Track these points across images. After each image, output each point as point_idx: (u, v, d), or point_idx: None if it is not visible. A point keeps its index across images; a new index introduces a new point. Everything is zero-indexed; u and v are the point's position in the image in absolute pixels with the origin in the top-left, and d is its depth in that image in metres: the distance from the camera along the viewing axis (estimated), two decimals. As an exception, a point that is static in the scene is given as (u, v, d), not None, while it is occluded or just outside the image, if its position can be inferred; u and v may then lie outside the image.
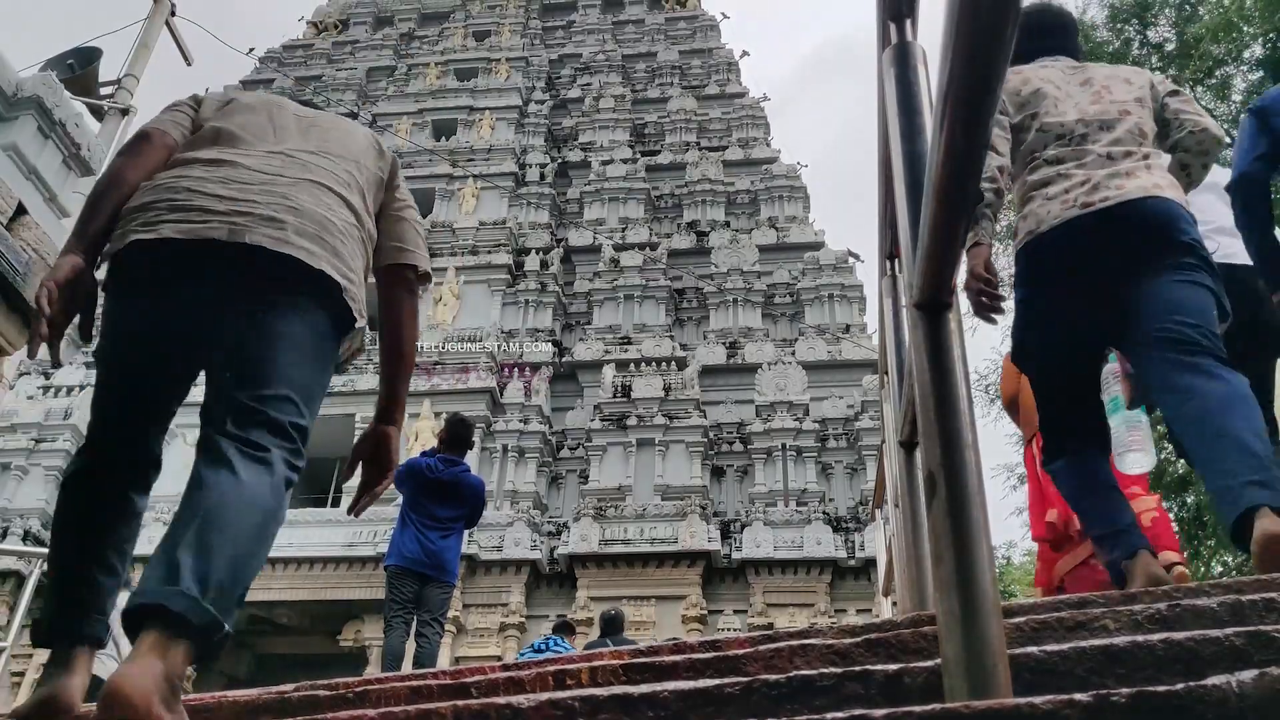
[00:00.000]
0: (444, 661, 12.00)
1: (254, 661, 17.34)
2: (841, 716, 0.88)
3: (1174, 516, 11.94)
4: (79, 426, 17.45)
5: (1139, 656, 0.98)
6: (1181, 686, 0.78)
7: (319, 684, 1.63)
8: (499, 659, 14.27)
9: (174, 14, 8.63)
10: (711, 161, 22.67)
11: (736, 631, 13.99)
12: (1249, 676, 0.77)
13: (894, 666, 1.04)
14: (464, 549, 6.34)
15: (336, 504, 17.62)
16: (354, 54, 27.48)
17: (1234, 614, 1.20)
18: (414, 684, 1.44)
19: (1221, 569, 11.97)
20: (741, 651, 1.34)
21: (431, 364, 18.76)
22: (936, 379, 1.00)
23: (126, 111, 7.65)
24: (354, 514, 1.95)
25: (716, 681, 1.07)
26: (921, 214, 1.03)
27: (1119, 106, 2.33)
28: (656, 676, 1.27)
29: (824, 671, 1.06)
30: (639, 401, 17.72)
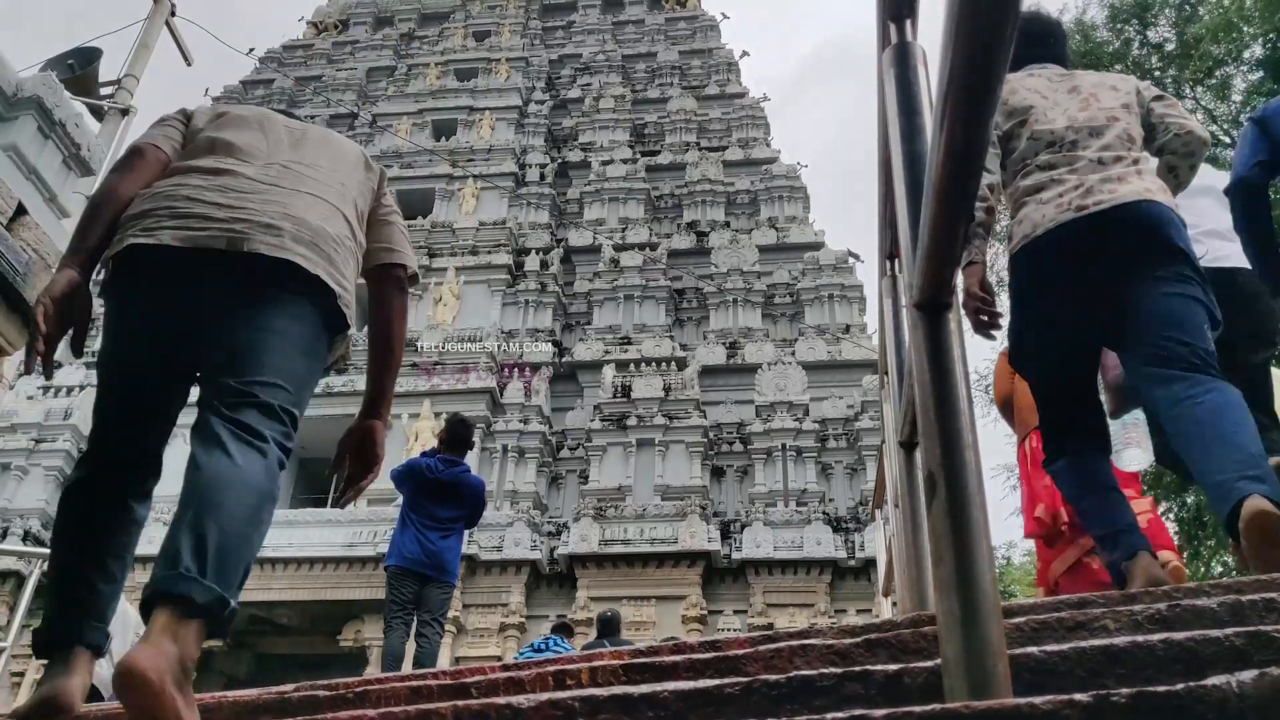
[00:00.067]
0: (444, 661, 12.00)
1: (254, 662, 17.33)
2: (841, 717, 0.88)
3: (1174, 517, 11.94)
4: (79, 426, 17.46)
5: (1139, 657, 0.98)
6: (1181, 687, 0.78)
7: (319, 684, 1.63)
8: (499, 659, 14.27)
9: (174, 14, 8.63)
10: (711, 162, 22.67)
11: (736, 632, 13.99)
12: (1249, 676, 0.77)
13: (894, 667, 1.04)
14: (464, 549, 6.35)
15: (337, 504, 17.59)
16: (354, 54, 27.48)
17: (1234, 614, 1.20)
18: (414, 684, 1.44)
19: (1221, 569, 11.98)
20: (741, 652, 1.34)
21: (431, 364, 18.77)
22: (936, 379, 1.00)
23: (126, 111, 7.65)
24: (340, 507, 2.00)
25: (716, 682, 1.07)
26: (921, 214, 1.03)
27: (1107, 113, 2.37)
28: (656, 677, 1.27)
29: (824, 672, 1.06)
30: (639, 401, 17.72)
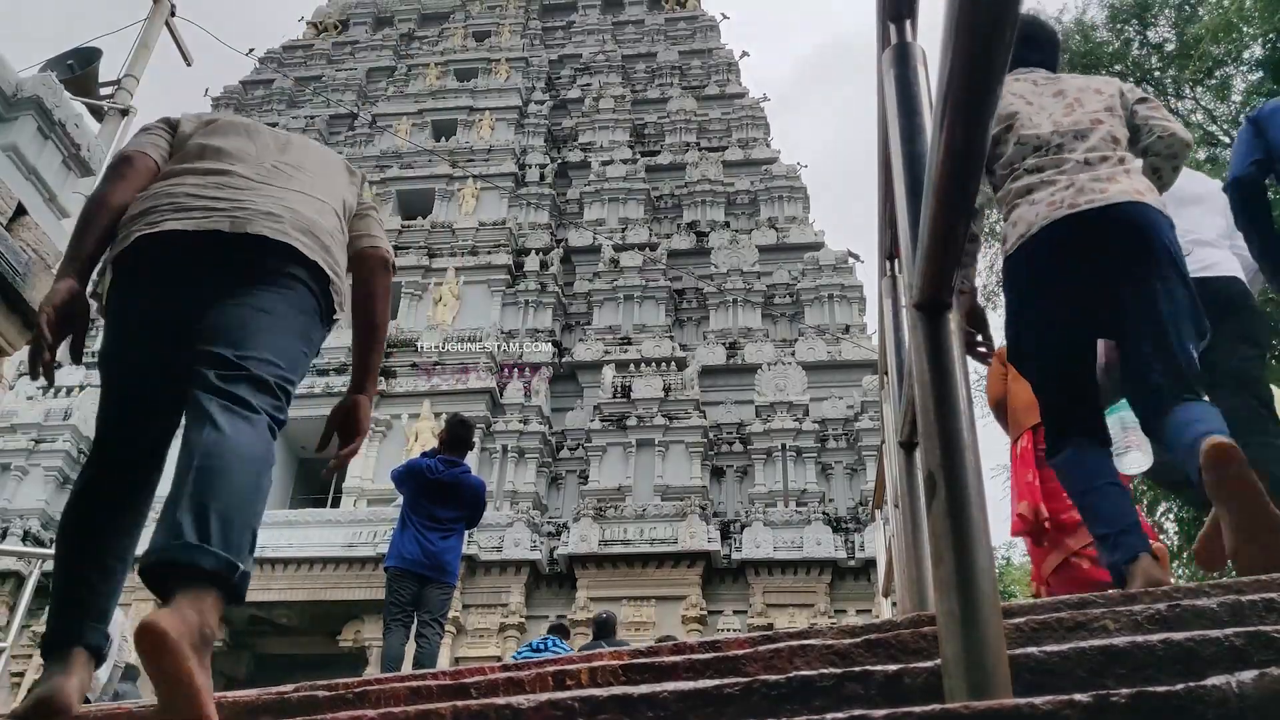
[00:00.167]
0: (443, 662, 12.00)
1: (253, 662, 17.33)
2: (841, 717, 0.88)
3: (1173, 516, 11.93)
4: (79, 427, 17.46)
5: (1139, 657, 0.98)
6: (1181, 687, 0.78)
7: (318, 684, 1.63)
8: (499, 659, 14.27)
9: (174, 14, 8.62)
10: (711, 162, 22.67)
11: (736, 632, 13.99)
12: (1249, 677, 0.77)
13: (894, 667, 1.04)
14: (464, 549, 6.35)
15: (336, 504, 17.62)
16: (354, 54, 27.48)
17: (1234, 614, 1.20)
18: (413, 684, 1.44)
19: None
20: (741, 652, 1.34)
21: (431, 364, 18.78)
22: (936, 379, 1.00)
23: (126, 112, 7.65)
24: (330, 475, 2.04)
25: (716, 682, 1.07)
26: (921, 214, 1.03)
27: (1091, 116, 2.42)
28: (656, 677, 1.27)
29: (824, 672, 1.06)
30: (639, 402, 17.72)
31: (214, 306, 1.77)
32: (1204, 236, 3.15)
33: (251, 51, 18.93)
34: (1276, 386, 3.17)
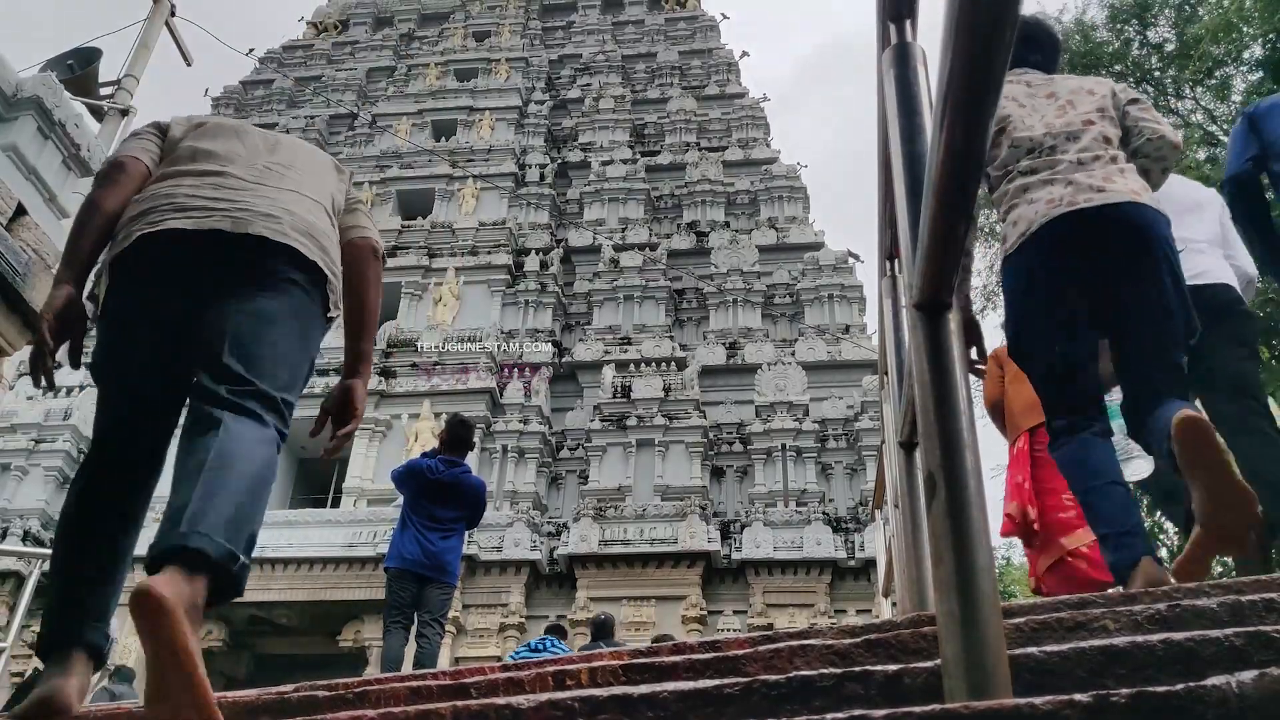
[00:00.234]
0: (444, 662, 12.01)
1: (253, 662, 17.33)
2: (841, 717, 0.88)
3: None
4: (79, 427, 17.46)
5: (1139, 657, 0.98)
6: (1181, 687, 0.78)
7: (318, 684, 1.62)
8: (499, 659, 14.27)
9: (174, 14, 8.62)
10: (711, 162, 22.66)
11: (736, 632, 13.99)
12: (1249, 677, 0.77)
13: (894, 667, 1.04)
14: (464, 549, 6.35)
15: (336, 504, 17.62)
16: (354, 54, 27.48)
17: (1234, 614, 1.20)
18: (413, 684, 1.44)
19: (1221, 569, 11.97)
20: (741, 652, 1.34)
21: (431, 364, 18.77)
22: (936, 379, 1.00)
23: (126, 112, 7.65)
24: (328, 455, 2.08)
25: (716, 682, 1.07)
26: (921, 214, 1.03)
27: (1082, 117, 2.45)
28: (656, 677, 1.27)
29: (824, 672, 1.06)
30: (639, 402, 17.71)
31: (218, 310, 1.78)
32: (1198, 244, 3.19)
33: (251, 51, 18.93)
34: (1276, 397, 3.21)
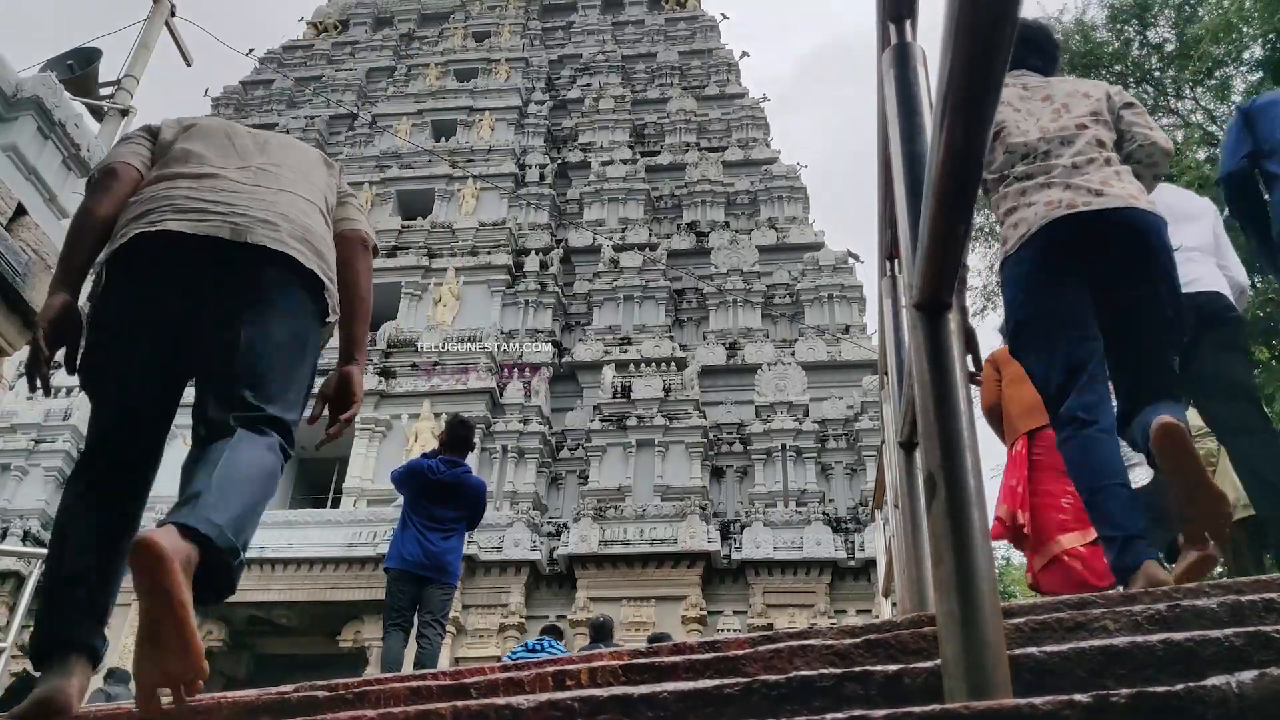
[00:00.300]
0: (443, 662, 12.00)
1: (253, 662, 17.32)
2: (841, 717, 0.88)
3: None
4: (79, 427, 17.45)
5: (1139, 657, 0.98)
6: (1181, 687, 0.78)
7: (318, 685, 1.62)
8: (498, 660, 14.27)
9: (174, 14, 8.62)
10: (711, 162, 22.66)
11: (736, 632, 13.98)
12: (1249, 677, 0.77)
13: (894, 667, 1.04)
14: (464, 550, 6.34)
15: (336, 504, 17.62)
16: (354, 55, 27.47)
17: (1233, 614, 1.20)
18: (413, 684, 1.44)
19: (1221, 569, 11.96)
20: (741, 652, 1.34)
21: (431, 364, 18.77)
22: (936, 379, 1.00)
23: (126, 112, 7.64)
24: (328, 439, 2.09)
25: (716, 682, 1.06)
26: (921, 214, 1.03)
27: (1076, 121, 2.48)
28: (656, 677, 1.27)
29: (823, 672, 1.06)
30: (639, 402, 17.71)
31: (221, 321, 1.81)
32: (1190, 251, 3.23)
33: (251, 52, 18.93)
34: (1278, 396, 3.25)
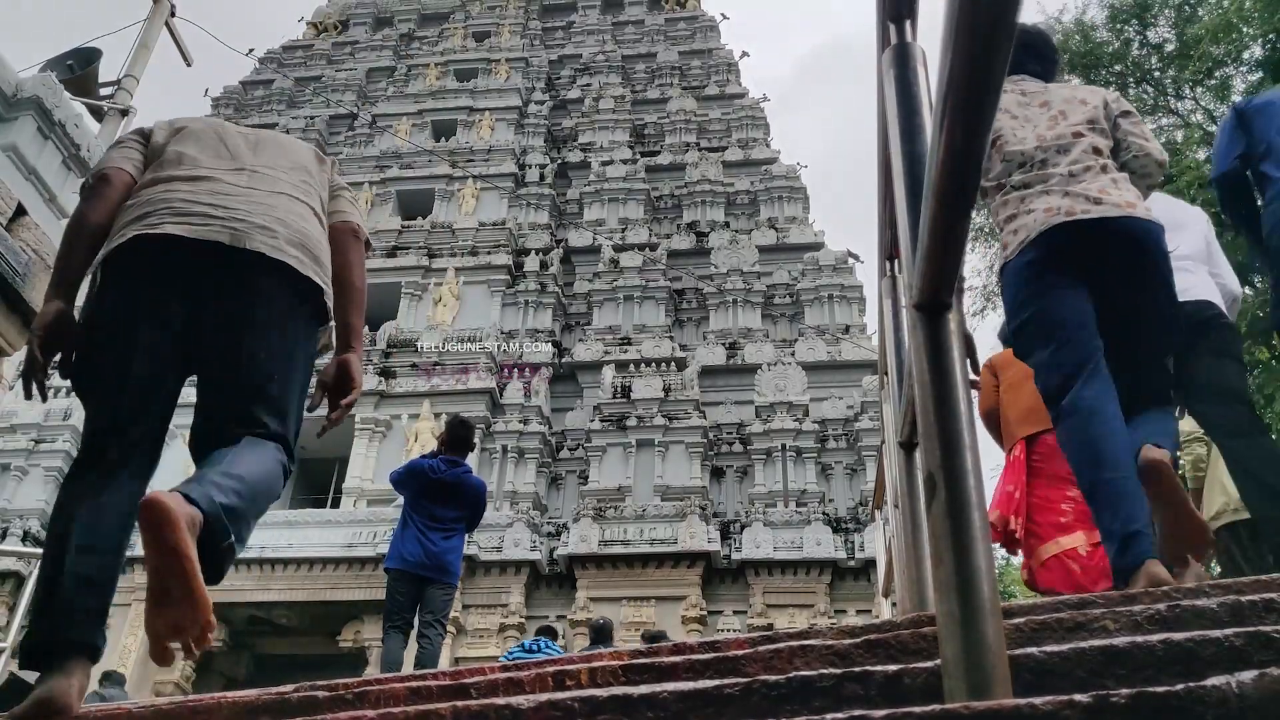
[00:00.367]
0: (444, 663, 12.00)
1: (253, 662, 17.33)
2: (841, 717, 0.88)
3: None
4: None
5: (1139, 657, 0.98)
6: (1181, 687, 0.78)
7: (318, 685, 1.62)
8: (498, 660, 14.26)
9: (174, 14, 8.61)
10: (711, 162, 22.66)
11: (736, 632, 13.98)
12: (1249, 677, 0.77)
13: (894, 667, 1.04)
14: (464, 550, 6.34)
15: (336, 504, 17.61)
16: (354, 55, 27.47)
17: (1233, 614, 1.20)
18: (413, 685, 1.44)
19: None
20: (741, 652, 1.34)
21: (431, 364, 18.77)
22: (936, 380, 1.00)
23: (126, 112, 7.64)
24: (329, 426, 2.11)
25: (716, 682, 1.06)
26: (921, 214, 1.03)
27: (1072, 129, 2.49)
28: (656, 677, 1.27)
29: (823, 672, 1.06)
30: (639, 402, 17.71)
31: (220, 325, 1.84)
32: (1182, 260, 3.25)
33: (251, 52, 18.94)
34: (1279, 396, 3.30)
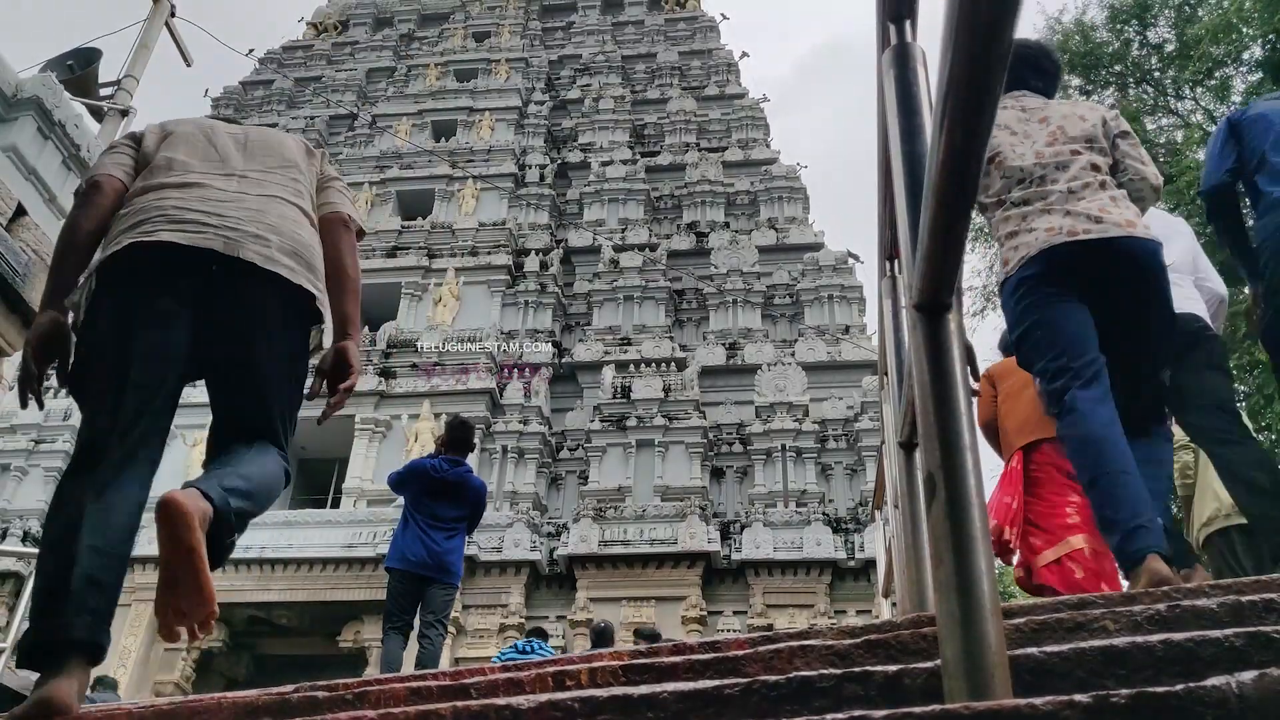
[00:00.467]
0: (444, 663, 12.00)
1: (253, 663, 17.32)
2: (841, 717, 0.88)
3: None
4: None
5: (1138, 657, 0.98)
6: (1181, 687, 0.78)
7: (318, 685, 1.62)
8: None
9: (174, 15, 8.61)
10: (711, 162, 22.65)
11: (736, 632, 13.98)
12: (1249, 677, 0.77)
13: (894, 668, 1.04)
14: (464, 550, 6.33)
15: (336, 505, 17.61)
16: (354, 55, 27.47)
17: (1233, 615, 1.20)
18: (413, 685, 1.44)
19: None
20: (741, 652, 1.34)
21: (431, 365, 18.76)
22: (936, 380, 1.00)
23: (126, 112, 7.63)
24: (328, 415, 2.13)
25: (716, 682, 1.06)
26: (921, 214, 1.03)
27: (1070, 146, 2.51)
28: (656, 678, 1.27)
29: (824, 672, 1.06)
30: (638, 402, 17.71)
31: (216, 334, 1.89)
32: (1171, 274, 3.28)
33: (251, 52, 18.94)
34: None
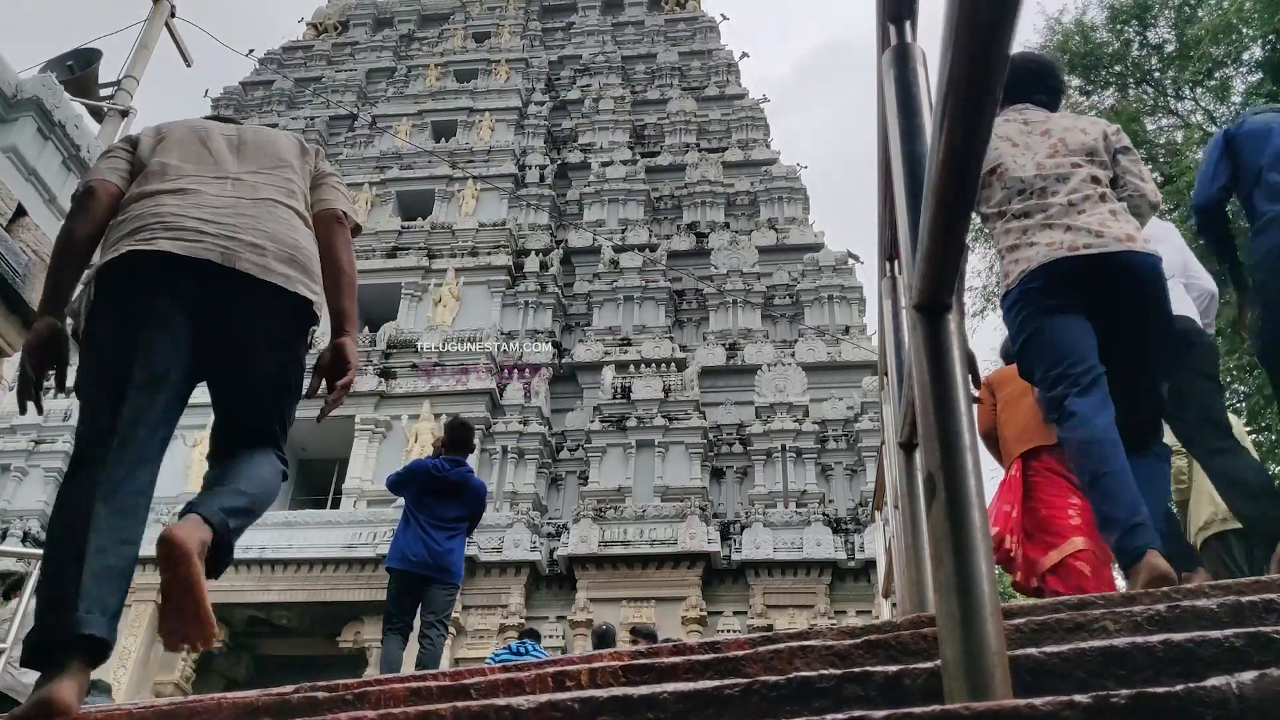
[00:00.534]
0: (444, 663, 11.99)
1: (253, 663, 17.31)
2: (841, 718, 0.88)
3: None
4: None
5: (1138, 658, 0.98)
6: (1181, 688, 0.78)
7: (318, 685, 1.62)
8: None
9: (174, 15, 8.61)
10: (711, 163, 22.65)
11: (736, 633, 13.98)
12: (1249, 678, 0.77)
13: (894, 668, 1.04)
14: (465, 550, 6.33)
15: (336, 505, 17.61)
16: (354, 55, 27.47)
17: (1233, 615, 1.20)
18: (413, 685, 1.44)
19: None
20: (741, 653, 1.34)
21: (431, 365, 18.76)
22: (936, 380, 1.00)
23: (126, 113, 7.63)
24: (327, 411, 2.17)
25: (716, 683, 1.06)
26: (921, 215, 1.03)
27: (1071, 160, 2.54)
28: (656, 678, 1.27)
29: (824, 673, 1.06)
30: (638, 403, 17.71)
31: (216, 341, 1.92)
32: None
33: (251, 52, 18.95)
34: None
